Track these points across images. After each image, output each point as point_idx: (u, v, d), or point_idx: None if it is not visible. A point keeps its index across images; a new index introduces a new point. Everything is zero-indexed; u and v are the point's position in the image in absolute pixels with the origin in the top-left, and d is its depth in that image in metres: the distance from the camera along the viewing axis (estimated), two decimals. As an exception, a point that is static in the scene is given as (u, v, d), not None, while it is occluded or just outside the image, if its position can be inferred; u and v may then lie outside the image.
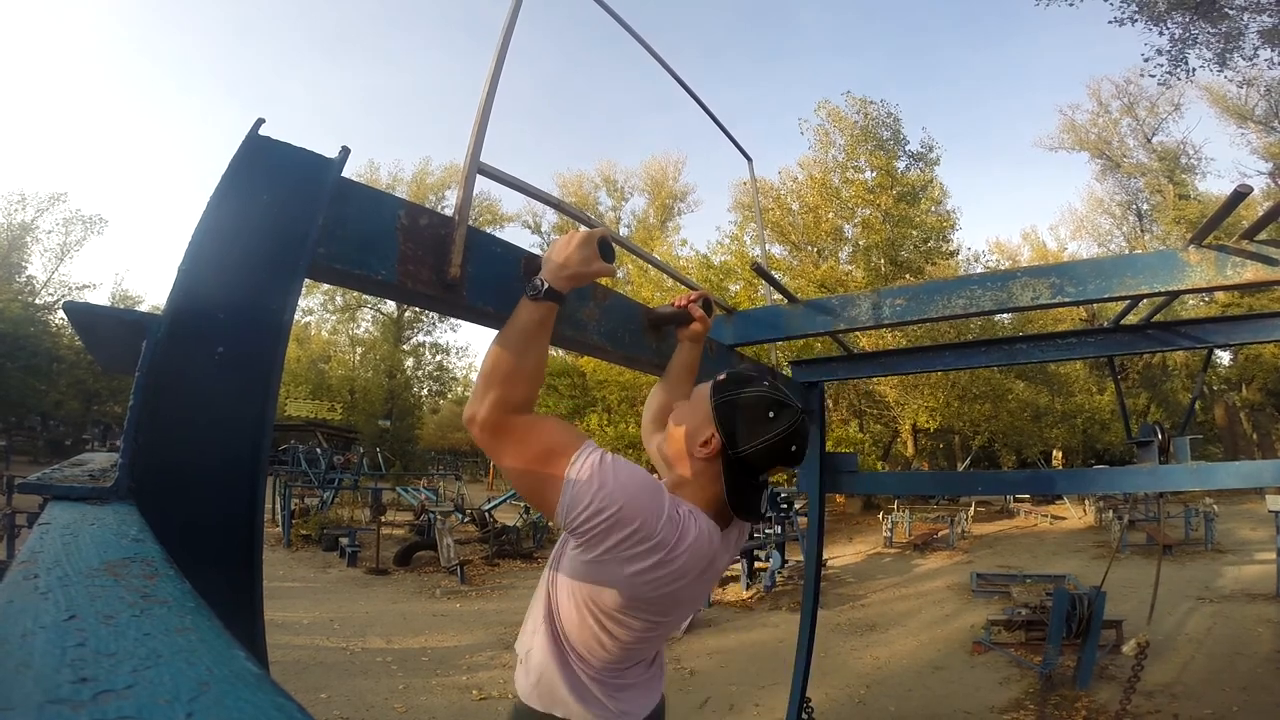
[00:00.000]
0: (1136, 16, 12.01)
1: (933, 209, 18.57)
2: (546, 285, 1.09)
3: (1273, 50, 12.26)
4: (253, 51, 56.59)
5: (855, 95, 18.65)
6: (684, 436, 1.19)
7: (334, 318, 32.95)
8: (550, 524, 11.99)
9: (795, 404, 1.16)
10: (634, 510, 1.00)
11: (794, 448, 1.14)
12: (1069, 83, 51.95)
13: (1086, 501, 15.14)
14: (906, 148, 19.14)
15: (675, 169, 31.73)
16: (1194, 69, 12.76)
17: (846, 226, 18.14)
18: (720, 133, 2.33)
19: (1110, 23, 12.18)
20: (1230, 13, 11.84)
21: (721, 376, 1.21)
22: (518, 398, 1.03)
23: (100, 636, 0.30)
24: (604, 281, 1.46)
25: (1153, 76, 13.11)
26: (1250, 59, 12.70)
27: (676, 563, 1.04)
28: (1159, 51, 12.52)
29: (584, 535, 1.01)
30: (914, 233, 18.00)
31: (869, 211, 17.45)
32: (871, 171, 18.05)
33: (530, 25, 1.39)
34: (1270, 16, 11.69)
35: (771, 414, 1.13)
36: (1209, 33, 12.13)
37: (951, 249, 19.42)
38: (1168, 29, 12.13)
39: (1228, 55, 12.41)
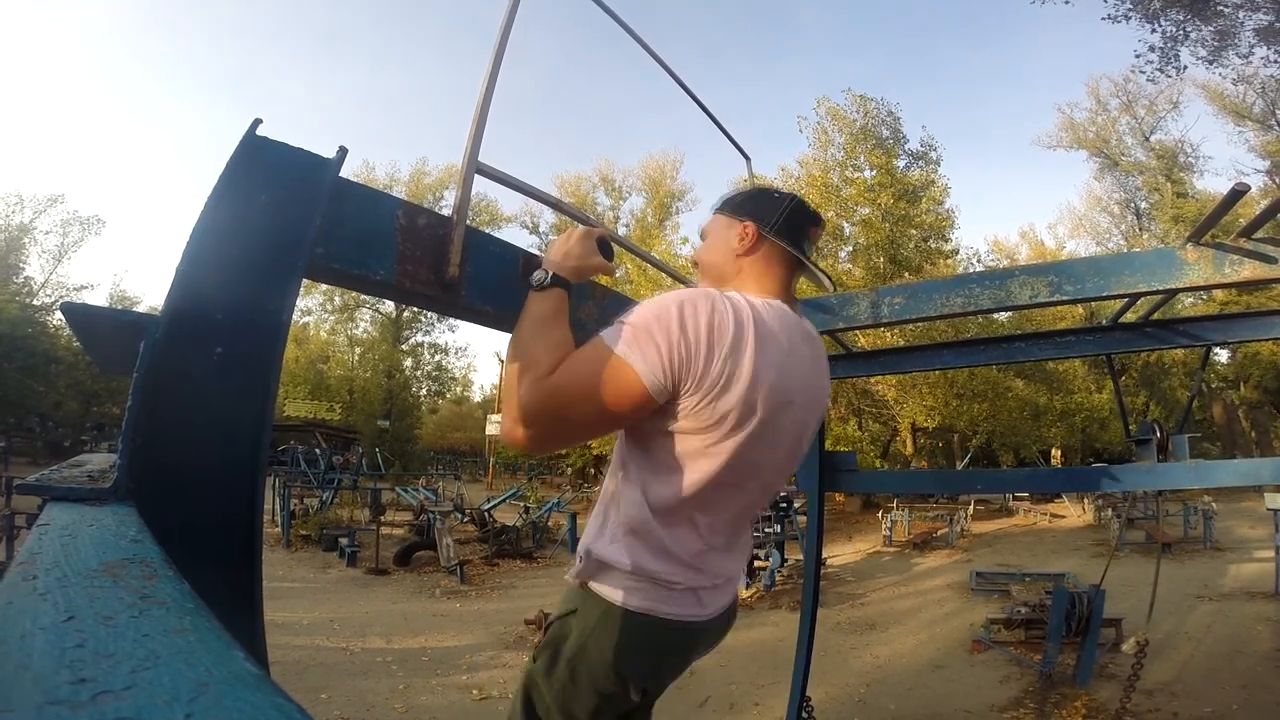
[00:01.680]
0: (1130, 13, 12.04)
1: (933, 208, 18.57)
2: (552, 274, 1.08)
3: (1269, 48, 12.30)
4: (250, 52, 56.60)
5: (855, 92, 18.63)
6: (719, 251, 1.18)
7: (332, 318, 32.97)
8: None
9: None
10: (691, 306, 0.94)
11: (810, 208, 1.19)
12: (1068, 81, 52.11)
13: (1085, 500, 15.15)
14: (906, 146, 19.14)
15: (673, 168, 31.74)
16: (1185, 65, 12.82)
17: (845, 225, 18.13)
18: (719, 132, 2.33)
19: (1104, 19, 12.22)
20: (1224, 10, 11.87)
21: (715, 204, 1.26)
22: (551, 364, 0.97)
23: (99, 637, 0.30)
24: (604, 281, 1.46)
25: (1143, 73, 13.17)
26: (1245, 56, 12.75)
27: (767, 328, 0.98)
28: (1151, 48, 12.57)
29: (684, 366, 0.92)
30: (914, 232, 18.00)
31: (869, 210, 17.44)
32: (871, 170, 18.03)
33: (528, 25, 1.39)
34: (1266, 14, 11.72)
35: (775, 193, 1.19)
36: (1202, 30, 12.16)
37: (951, 248, 19.42)
38: (1160, 26, 12.17)
39: (1220, 52, 12.45)
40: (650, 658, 1.05)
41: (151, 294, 32.12)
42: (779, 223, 1.13)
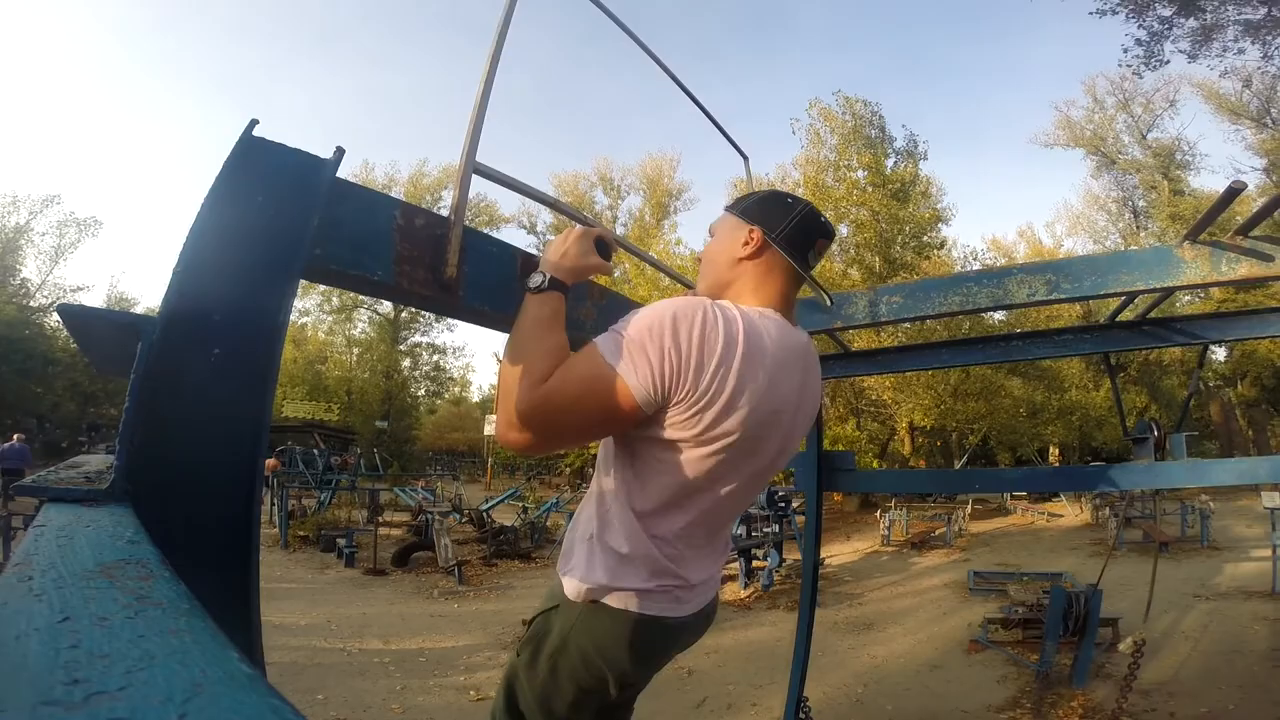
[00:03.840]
0: (1119, 8, 12.13)
1: (923, 204, 18.70)
2: (549, 276, 1.08)
3: (1254, 42, 12.41)
4: (247, 52, 56.51)
5: (845, 95, 18.82)
6: (724, 252, 1.17)
7: (330, 318, 32.91)
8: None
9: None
10: (682, 316, 0.95)
11: (822, 219, 1.17)
12: (1065, 79, 52.26)
13: (1083, 499, 15.18)
14: (894, 145, 19.30)
15: (671, 167, 31.74)
16: (1168, 60, 12.95)
17: (842, 226, 18.20)
18: (717, 131, 2.33)
19: (1091, 14, 12.34)
20: (1206, 7, 11.98)
21: (728, 204, 1.24)
22: (545, 371, 0.98)
23: (94, 638, 0.30)
24: (601, 281, 1.46)
25: (1129, 67, 13.29)
26: (1231, 51, 12.86)
27: (758, 341, 0.99)
28: (1138, 42, 12.71)
29: (673, 378, 0.94)
30: (906, 228, 18.12)
31: (861, 211, 17.54)
32: (863, 170, 18.17)
33: (526, 23, 1.39)
34: (1254, 9, 11.80)
35: (789, 200, 1.17)
36: (1183, 24, 12.28)
37: (940, 239, 19.58)
38: (1145, 20, 12.29)
39: (1202, 46, 12.57)
40: (629, 654, 1.06)
41: (149, 295, 32.14)
42: (786, 231, 1.13)
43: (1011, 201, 58.30)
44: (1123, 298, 2.04)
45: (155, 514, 0.70)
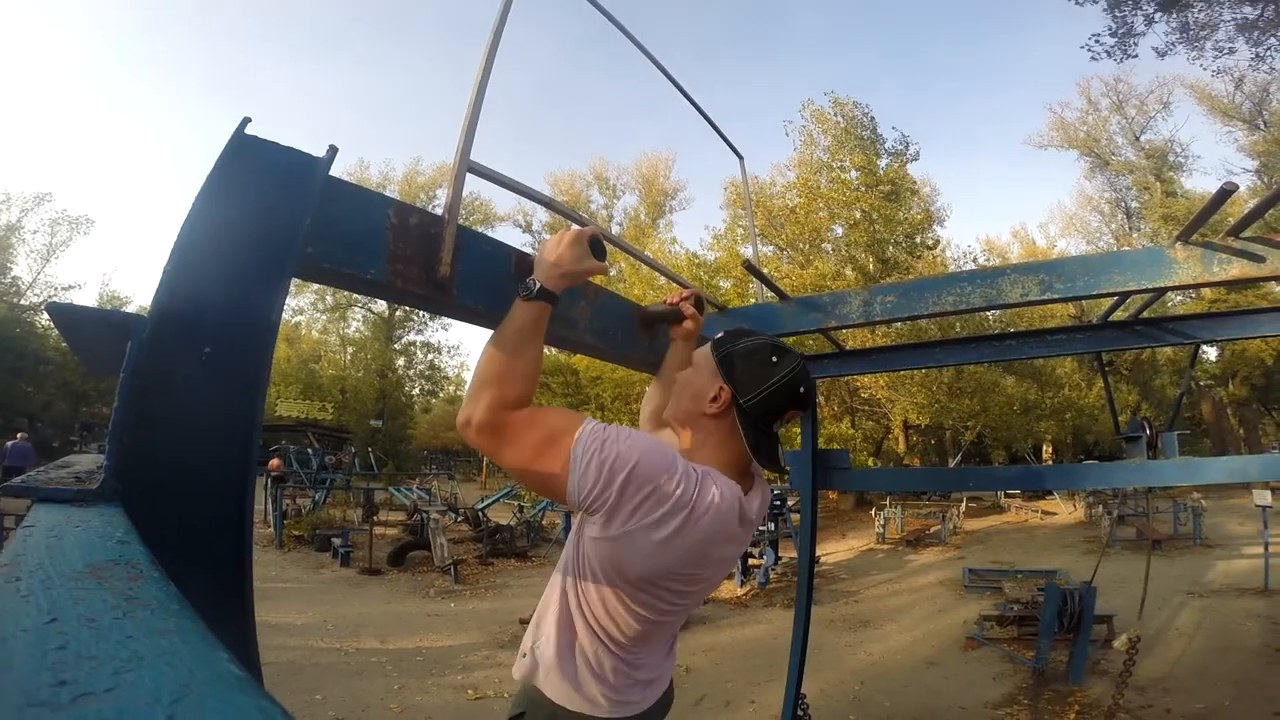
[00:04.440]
0: None
1: (916, 203, 18.83)
2: (539, 285, 1.08)
3: (1247, 43, 12.52)
4: (242, 51, 56.23)
5: (837, 96, 18.93)
6: (692, 399, 1.18)
7: (324, 317, 32.78)
8: (566, 509, 12.00)
9: (794, 350, 1.19)
10: (647, 469, 0.98)
11: (802, 389, 1.16)
12: (1058, 81, 52.40)
13: (1076, 497, 15.26)
14: (885, 146, 19.43)
15: (666, 167, 31.74)
16: (1138, 55, 13.10)
17: (837, 228, 18.30)
18: (713, 131, 2.33)
19: (1070, 0, 12.51)
20: (1192, 4, 12.09)
21: (719, 335, 1.23)
22: (514, 395, 1.02)
23: (81, 639, 0.30)
24: (596, 280, 1.46)
25: (1091, 54, 13.43)
26: (1222, 52, 12.98)
27: (701, 522, 1.02)
28: (1112, 33, 12.84)
29: (601, 506, 0.99)
30: (899, 229, 18.23)
31: (855, 212, 17.63)
32: (855, 171, 18.28)
33: (522, 22, 1.39)
34: (1251, 8, 11.91)
35: (774, 359, 1.15)
36: (1162, 20, 12.40)
37: (933, 239, 19.71)
38: (1120, 13, 12.41)
39: (1177, 44, 12.72)
40: None
41: (141, 293, 31.95)
42: (757, 400, 1.13)
43: (1006, 202, 58.51)
44: (1115, 298, 2.05)
45: (146, 514, 0.69)
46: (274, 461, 14.77)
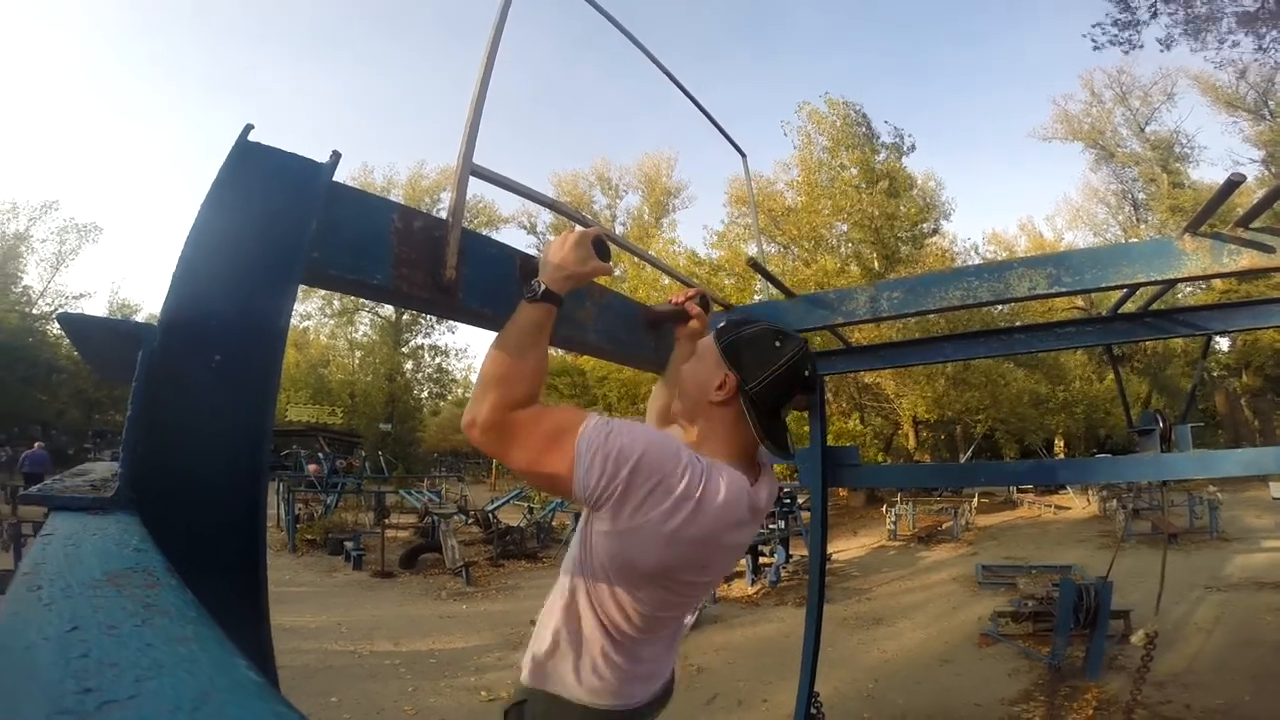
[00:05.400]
0: None
1: (915, 197, 18.81)
2: (544, 287, 1.09)
3: (1247, 35, 12.40)
4: (242, 51, 56.60)
5: (832, 97, 19.01)
6: (698, 388, 1.18)
7: (332, 321, 32.94)
8: (573, 506, 12.03)
9: (796, 334, 1.19)
10: (653, 460, 0.98)
11: (807, 372, 1.16)
12: (1063, 73, 51.99)
13: (1090, 491, 15.14)
14: (880, 141, 19.41)
15: (669, 166, 31.71)
16: (1142, 45, 12.99)
17: (840, 225, 18.28)
18: (714, 129, 2.33)
19: None
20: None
21: (721, 324, 1.23)
22: (518, 396, 1.02)
23: (103, 647, 0.31)
24: (601, 281, 1.47)
25: (1092, 41, 13.33)
26: (1226, 43, 12.86)
27: (708, 512, 1.02)
28: (1115, 23, 12.75)
29: (607, 499, 0.99)
30: (899, 225, 18.22)
31: (856, 208, 17.61)
32: (854, 168, 18.28)
33: (521, 22, 1.39)
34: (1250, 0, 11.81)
35: (778, 343, 1.15)
36: (1166, 12, 12.30)
37: (933, 227, 19.70)
38: (1129, 4, 12.35)
39: (1181, 36, 12.62)
40: None
41: (151, 301, 32.18)
42: (762, 386, 1.13)
43: (1011, 197, 58.10)
44: (1124, 290, 2.03)
45: (161, 521, 0.70)
46: (313, 466, 15.38)
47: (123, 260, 63.07)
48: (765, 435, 1.14)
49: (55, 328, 25.77)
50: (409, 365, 33.30)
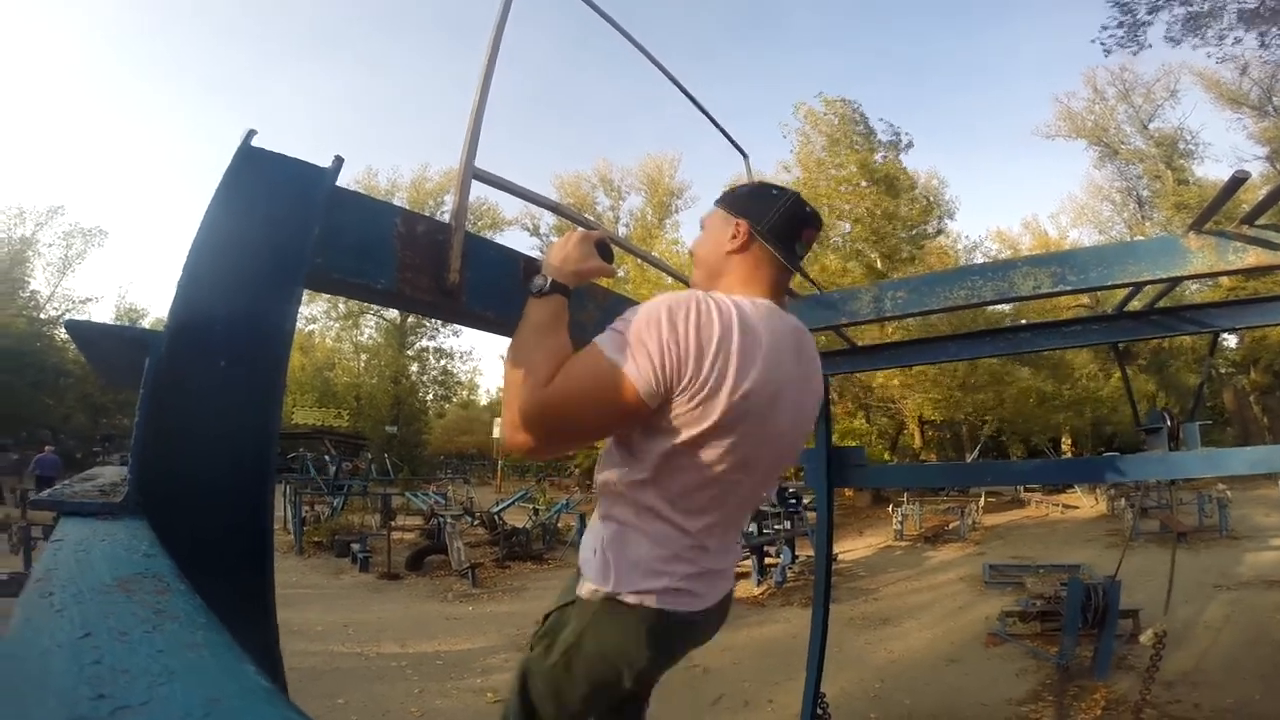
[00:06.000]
0: None
1: (916, 196, 18.77)
2: (551, 279, 1.09)
3: (1249, 31, 12.35)
4: (241, 51, 56.82)
5: (827, 95, 19.02)
6: (712, 246, 1.18)
7: (337, 325, 33.01)
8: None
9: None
10: (676, 309, 0.96)
11: (808, 209, 1.18)
12: (1067, 70, 51.72)
13: (1098, 490, 15.06)
14: (877, 139, 19.39)
15: (671, 167, 31.65)
16: (1150, 44, 12.94)
17: (845, 225, 18.26)
18: (714, 129, 2.33)
19: None
20: None
21: (717, 197, 1.26)
22: (543, 377, 0.98)
23: (115, 653, 0.31)
24: (604, 282, 1.47)
25: (1102, 45, 13.29)
26: (1228, 39, 12.81)
27: (752, 331, 0.99)
28: (1120, 24, 12.70)
29: (676, 372, 0.95)
30: (900, 224, 18.21)
31: (857, 208, 17.61)
32: (854, 166, 18.28)
33: (522, 24, 1.40)
34: None
35: (773, 190, 1.18)
36: (1171, 10, 12.26)
37: (936, 227, 19.66)
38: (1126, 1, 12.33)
39: (1186, 33, 12.57)
40: (645, 651, 1.06)
41: (158, 305, 32.37)
42: (771, 223, 1.14)
43: (1015, 195, 57.86)
44: (1130, 288, 2.03)
45: (169, 525, 0.71)
46: (349, 465, 16.18)
47: (129, 264, 63.58)
48: (791, 260, 1.15)
49: (62, 332, 25.96)
50: (414, 368, 33.37)
